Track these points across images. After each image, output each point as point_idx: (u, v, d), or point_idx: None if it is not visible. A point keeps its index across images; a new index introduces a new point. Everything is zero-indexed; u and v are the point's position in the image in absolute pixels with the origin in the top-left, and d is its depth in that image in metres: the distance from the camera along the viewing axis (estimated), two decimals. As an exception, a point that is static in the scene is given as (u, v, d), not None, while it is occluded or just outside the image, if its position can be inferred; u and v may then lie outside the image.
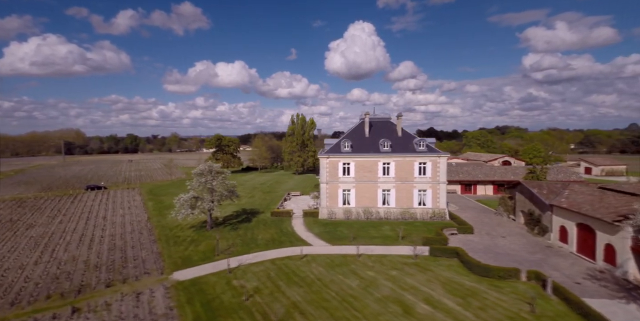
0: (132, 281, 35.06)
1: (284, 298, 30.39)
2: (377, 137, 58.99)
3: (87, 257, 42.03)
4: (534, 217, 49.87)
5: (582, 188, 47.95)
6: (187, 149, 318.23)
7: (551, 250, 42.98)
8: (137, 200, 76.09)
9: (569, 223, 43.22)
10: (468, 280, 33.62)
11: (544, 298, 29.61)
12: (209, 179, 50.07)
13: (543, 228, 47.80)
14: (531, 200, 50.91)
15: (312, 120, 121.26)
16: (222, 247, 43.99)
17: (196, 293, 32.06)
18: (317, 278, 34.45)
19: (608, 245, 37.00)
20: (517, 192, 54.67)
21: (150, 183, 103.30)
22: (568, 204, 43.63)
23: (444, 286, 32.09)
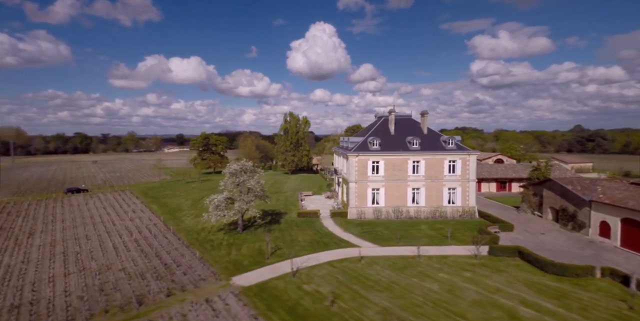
0: (192, 288, 31.52)
1: (371, 304, 27.62)
2: (402, 134, 57.01)
3: (121, 265, 37.11)
4: (567, 213, 49.71)
5: (614, 184, 48.35)
6: (146, 149, 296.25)
7: (596, 245, 42.68)
8: (137, 203, 69.57)
9: (611, 218, 43.10)
10: (547, 279, 32.18)
11: (630, 295, 28.45)
12: (246, 178, 45.87)
13: (579, 223, 47.65)
14: (564, 196, 50.78)
15: (305, 118, 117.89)
16: (266, 250, 40.42)
17: (271, 299, 28.98)
18: (392, 281, 31.80)
19: (663, 240, 36.91)
20: (545, 188, 54.56)
21: (138, 185, 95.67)
22: (611, 200, 43.57)
23: (530, 288, 30.43)
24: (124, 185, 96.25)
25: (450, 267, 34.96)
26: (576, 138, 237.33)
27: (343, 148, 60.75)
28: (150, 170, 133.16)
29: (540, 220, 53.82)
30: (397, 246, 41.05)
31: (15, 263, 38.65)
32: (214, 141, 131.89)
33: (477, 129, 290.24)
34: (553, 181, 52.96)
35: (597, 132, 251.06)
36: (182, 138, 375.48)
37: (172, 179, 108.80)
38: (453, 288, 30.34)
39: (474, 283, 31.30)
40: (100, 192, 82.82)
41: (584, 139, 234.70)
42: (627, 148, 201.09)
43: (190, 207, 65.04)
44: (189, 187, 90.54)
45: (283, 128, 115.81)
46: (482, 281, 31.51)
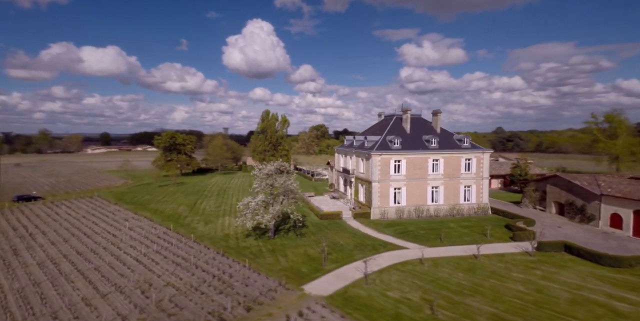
0: (268, 301, 27.91)
1: (474, 310, 25.93)
2: (417, 133, 56.33)
3: (163, 280, 31.49)
4: (574, 207, 52.33)
5: (614, 179, 51.83)
6: (63, 150, 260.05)
7: (611, 235, 45.11)
8: (120, 210, 61.15)
9: (624, 210, 45.88)
10: (608, 271, 32.98)
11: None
12: (285, 180, 41.80)
13: (588, 216, 50.30)
14: (570, 191, 53.41)
15: (284, 117, 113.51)
16: (314, 255, 37.18)
17: (365, 309, 26.28)
18: (474, 284, 30.42)
19: (681, 229, 39.85)
20: (549, 184, 57.12)
21: (102, 191, 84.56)
22: (622, 193, 46.41)
23: (603, 281, 30.82)
24: (82, 191, 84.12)
25: (514, 266, 34.47)
26: (498, 139, 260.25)
27: (358, 148, 58.48)
28: (101, 174, 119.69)
29: (545, 214, 56.19)
30: (445, 247, 39.94)
31: (23, 286, 31.14)
32: (181, 140, 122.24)
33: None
34: (558, 177, 55.60)
35: (514, 133, 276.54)
36: (108, 138, 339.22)
37: (135, 183, 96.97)
38: (538, 287, 29.66)
39: (551, 280, 30.98)
40: (62, 200, 71.61)
41: (505, 139, 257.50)
42: (540, 147, 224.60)
43: (191, 213, 58.58)
44: (167, 190, 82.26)
45: (261, 127, 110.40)
46: (558, 279, 31.32)
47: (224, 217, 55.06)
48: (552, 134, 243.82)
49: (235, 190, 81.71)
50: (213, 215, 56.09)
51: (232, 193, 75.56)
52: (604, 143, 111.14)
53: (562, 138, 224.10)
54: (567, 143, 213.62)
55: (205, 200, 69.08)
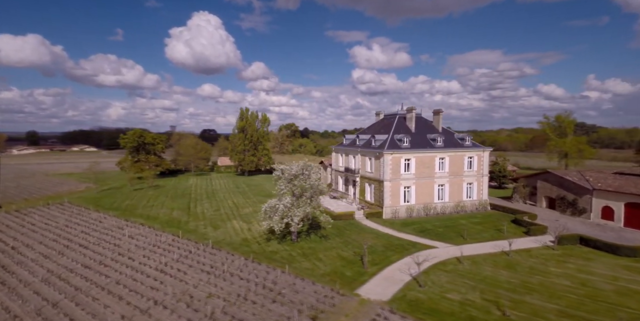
0: (330, 308, 26.31)
1: (540, 308, 26.06)
2: (421, 132, 56.72)
3: (202, 291, 28.32)
4: (566, 201, 55.54)
5: (600, 175, 55.72)
6: None
7: (604, 227, 48.31)
8: (107, 218, 55.38)
9: (615, 203, 49.34)
10: (630, 261, 35.04)
11: None
12: (315, 180, 39.85)
13: (579, 209, 53.60)
14: (561, 186, 56.60)
15: (265, 116, 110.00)
16: (349, 257, 35.88)
17: (436, 314, 25.55)
18: (522, 281, 30.85)
19: (671, 218, 43.55)
20: (540, 180, 60.18)
21: (68, 196, 76.39)
22: (613, 187, 49.93)
23: (632, 271, 32.55)
24: (42, 197, 74.30)
25: (546, 260, 35.49)
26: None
27: (364, 147, 57.60)
28: (53, 177, 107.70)
29: (536, 209, 59.09)
30: (469, 244, 40.25)
31: (39, 307, 26.64)
32: (150, 140, 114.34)
33: None
34: (550, 173, 58.76)
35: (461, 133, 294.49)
36: (36, 137, 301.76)
37: (101, 187, 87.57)
38: (581, 281, 30.64)
39: (587, 273, 32.20)
40: (26, 207, 63.45)
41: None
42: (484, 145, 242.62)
43: (191, 218, 54.39)
44: (147, 194, 76.11)
45: (240, 126, 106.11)
46: (592, 271, 32.63)
47: (230, 221, 51.75)
48: (491, 133, 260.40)
49: (225, 192, 77.48)
50: (217, 220, 52.53)
51: (224, 196, 71.51)
52: (555, 141, 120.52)
53: (502, 137, 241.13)
54: (506, 142, 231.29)
55: (198, 203, 64.72)
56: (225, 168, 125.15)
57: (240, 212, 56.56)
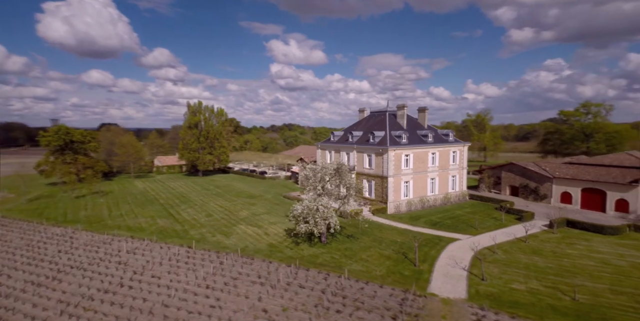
0: (420, 311, 25.66)
1: (592, 289, 28.91)
2: (412, 129, 58.67)
3: (272, 305, 25.41)
4: (528, 188, 62.86)
5: (553, 165, 64.17)
6: None
7: (565, 209, 55.93)
8: (77, 233, 46.62)
9: (573, 189, 57.37)
10: (619, 239, 40.99)
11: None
12: (350, 179, 38.29)
13: (541, 195, 61.17)
14: (524, 175, 63.78)
15: (222, 110, 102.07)
16: (391, 255, 35.69)
17: (519, 306, 26.25)
18: (558, 265, 33.92)
19: (620, 200, 52.21)
20: (504, 171, 66.96)
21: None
22: (571, 175, 57.95)
23: (627, 247, 38.18)
24: None
25: (558, 244, 39.44)
26: None
27: (360, 143, 57.25)
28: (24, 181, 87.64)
29: (501, 196, 65.70)
30: (483, 234, 42.97)
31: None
32: (79, 137, 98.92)
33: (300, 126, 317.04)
34: (514, 164, 65.73)
35: None
36: None
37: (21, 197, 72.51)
38: (601, 260, 34.60)
39: (598, 252, 36.71)
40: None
41: None
42: None
43: (186, 226, 48.40)
44: (97, 202, 65.77)
45: (194, 121, 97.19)
46: (600, 250, 37.26)
47: (235, 226, 47.39)
48: None
49: (198, 195, 70.32)
50: (220, 226, 47.67)
51: (202, 200, 64.84)
52: (477, 136, 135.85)
53: None
54: None
55: (179, 209, 57.95)
56: (168, 168, 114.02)
57: (238, 216, 52.22)
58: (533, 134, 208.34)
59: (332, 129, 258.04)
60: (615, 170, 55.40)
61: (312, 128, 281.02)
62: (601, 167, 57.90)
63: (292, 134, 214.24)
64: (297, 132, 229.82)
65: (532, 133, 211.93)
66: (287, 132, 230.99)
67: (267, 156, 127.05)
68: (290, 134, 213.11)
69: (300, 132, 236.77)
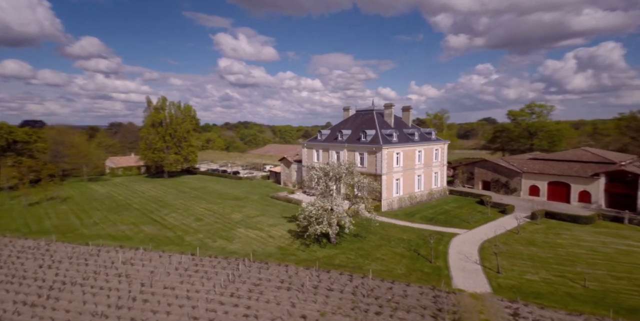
0: (456, 308, 26.23)
1: (596, 276, 31.36)
2: (399, 127, 59.96)
3: (308, 310, 24.70)
4: (499, 183, 67.30)
5: (520, 161, 69.31)
6: None
7: (533, 201, 60.67)
8: (53, 244, 41.58)
9: (540, 182, 62.42)
10: (594, 227, 45.11)
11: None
12: (362, 180, 37.91)
13: (511, 189, 65.79)
14: (495, 171, 68.07)
15: (189, 106, 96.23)
16: (404, 253, 36.22)
17: (542, 297, 27.88)
18: (556, 254, 36.45)
19: (583, 192, 57.84)
20: (477, 167, 70.94)
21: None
22: (538, 170, 62.97)
23: (605, 235, 42.20)
24: None
25: (546, 235, 42.38)
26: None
27: (351, 142, 57.12)
28: None
29: (475, 191, 69.77)
30: (477, 228, 45.05)
31: None
32: (24, 137, 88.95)
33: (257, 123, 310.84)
34: (486, 160, 69.87)
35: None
36: None
37: None
38: (590, 248, 37.76)
39: (583, 241, 39.99)
40: None
41: None
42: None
43: (179, 232, 45.10)
44: (59, 209, 59.37)
45: (157, 118, 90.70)
46: (584, 239, 40.72)
47: (234, 229, 45.03)
48: None
49: (175, 199, 65.60)
50: (218, 230, 44.98)
51: (183, 204, 60.39)
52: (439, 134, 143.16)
53: None
54: None
55: (162, 215, 53.79)
56: (124, 170, 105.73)
57: (232, 220, 49.74)
58: (472, 133, 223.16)
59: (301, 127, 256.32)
60: (576, 165, 61.09)
61: (270, 126, 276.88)
62: (563, 162, 63.51)
63: (251, 132, 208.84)
64: (254, 130, 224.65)
65: (471, 132, 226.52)
66: (244, 130, 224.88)
67: (236, 156, 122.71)
68: (248, 132, 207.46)
69: (258, 130, 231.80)
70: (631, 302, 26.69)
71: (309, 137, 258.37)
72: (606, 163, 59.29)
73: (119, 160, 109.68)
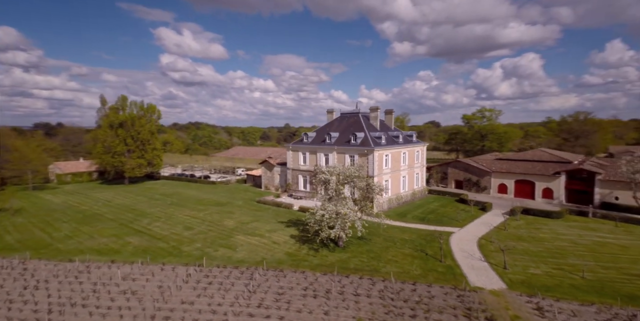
0: (483, 306, 27.26)
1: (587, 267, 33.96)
2: (383, 130, 61.31)
3: (345, 317, 24.48)
4: (471, 182, 71.60)
5: (488, 161, 74.30)
6: None
7: (502, 198, 65.53)
8: (33, 263, 36.68)
9: (508, 181, 67.48)
10: (566, 221, 49.57)
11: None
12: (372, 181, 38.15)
13: (482, 187, 70.34)
14: (467, 171, 72.28)
15: (153, 106, 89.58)
16: (414, 254, 37.18)
17: (552, 290, 29.83)
18: (545, 248, 39.43)
19: (546, 189, 63.50)
20: (450, 167, 74.74)
21: None
22: (506, 170, 67.95)
23: (578, 228, 46.51)
24: None
25: (529, 230, 45.51)
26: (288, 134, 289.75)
27: (340, 144, 57.12)
28: None
29: (448, 190, 73.55)
30: (467, 226, 47.42)
31: None
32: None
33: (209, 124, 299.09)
34: (459, 161, 73.89)
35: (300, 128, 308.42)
36: None
37: None
38: (570, 240, 41.36)
39: (562, 234, 43.81)
40: None
41: (292, 134, 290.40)
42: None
43: (173, 242, 42.12)
44: (15, 222, 53.03)
45: (117, 119, 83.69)
46: (562, 232, 44.47)
47: (233, 237, 42.91)
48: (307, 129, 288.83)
49: (152, 206, 60.85)
50: (216, 238, 42.57)
51: (164, 211, 55.90)
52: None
53: None
54: None
55: (143, 224, 49.80)
56: (74, 176, 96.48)
57: (225, 227, 47.40)
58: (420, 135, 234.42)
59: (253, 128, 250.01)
60: (538, 164, 66.82)
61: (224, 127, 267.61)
62: (527, 162, 69.13)
63: (204, 134, 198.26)
64: (207, 131, 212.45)
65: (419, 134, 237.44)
66: (196, 131, 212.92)
67: (201, 159, 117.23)
68: (202, 134, 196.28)
69: (212, 131, 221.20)
70: (627, 289, 29.70)
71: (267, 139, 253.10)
72: (564, 163, 65.56)
73: (66, 165, 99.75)
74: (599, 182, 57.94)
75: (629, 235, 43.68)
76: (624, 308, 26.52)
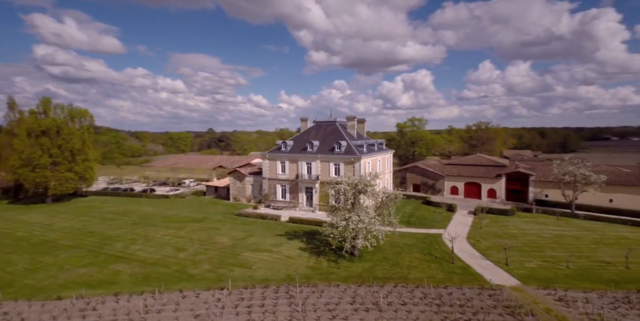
0: (516, 303, 29.97)
1: (568, 258, 40.85)
2: (359, 138, 63.30)
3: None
4: (427, 185, 78.14)
5: (439, 165, 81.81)
6: None
7: (455, 199, 73.02)
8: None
9: (458, 183, 75.45)
10: (520, 218, 57.39)
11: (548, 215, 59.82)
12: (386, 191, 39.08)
13: (437, 190, 77.31)
14: (424, 175, 78.59)
15: (84, 110, 76.66)
16: (427, 258, 39.61)
17: (555, 280, 34.48)
18: (523, 244, 44.81)
19: (490, 189, 72.69)
20: (409, 172, 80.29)
21: None
22: (457, 174, 75.84)
23: (546, 224, 54.08)
24: None
25: (497, 227, 51.59)
26: (212, 139, 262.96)
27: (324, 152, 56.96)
28: None
29: (407, 193, 79.16)
30: (448, 227, 51.83)
31: None
32: None
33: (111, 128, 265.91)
34: (416, 166, 79.79)
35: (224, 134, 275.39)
36: None
37: None
38: (537, 234, 47.97)
39: (526, 229, 50.54)
40: None
41: (217, 140, 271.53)
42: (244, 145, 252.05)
43: (176, 266, 37.32)
44: None
45: (39, 126, 70.22)
46: (525, 228, 51.08)
47: (239, 255, 39.68)
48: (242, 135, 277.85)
49: (113, 228, 52.79)
50: (223, 257, 38.99)
51: (136, 233, 48.87)
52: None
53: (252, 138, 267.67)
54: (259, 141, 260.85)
55: (120, 250, 43.15)
56: None
57: (222, 245, 43.66)
58: None
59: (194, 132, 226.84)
60: (481, 168, 76.05)
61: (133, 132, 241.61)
62: (472, 166, 78.08)
63: (109, 139, 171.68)
64: (109, 136, 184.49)
65: None
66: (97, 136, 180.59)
67: (133, 170, 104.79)
68: (104, 139, 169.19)
69: (119, 137, 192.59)
70: (608, 275, 35.55)
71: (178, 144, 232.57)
72: (500, 166, 75.73)
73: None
74: (532, 182, 68.32)
75: (572, 226, 52.52)
76: (616, 292, 32.07)
